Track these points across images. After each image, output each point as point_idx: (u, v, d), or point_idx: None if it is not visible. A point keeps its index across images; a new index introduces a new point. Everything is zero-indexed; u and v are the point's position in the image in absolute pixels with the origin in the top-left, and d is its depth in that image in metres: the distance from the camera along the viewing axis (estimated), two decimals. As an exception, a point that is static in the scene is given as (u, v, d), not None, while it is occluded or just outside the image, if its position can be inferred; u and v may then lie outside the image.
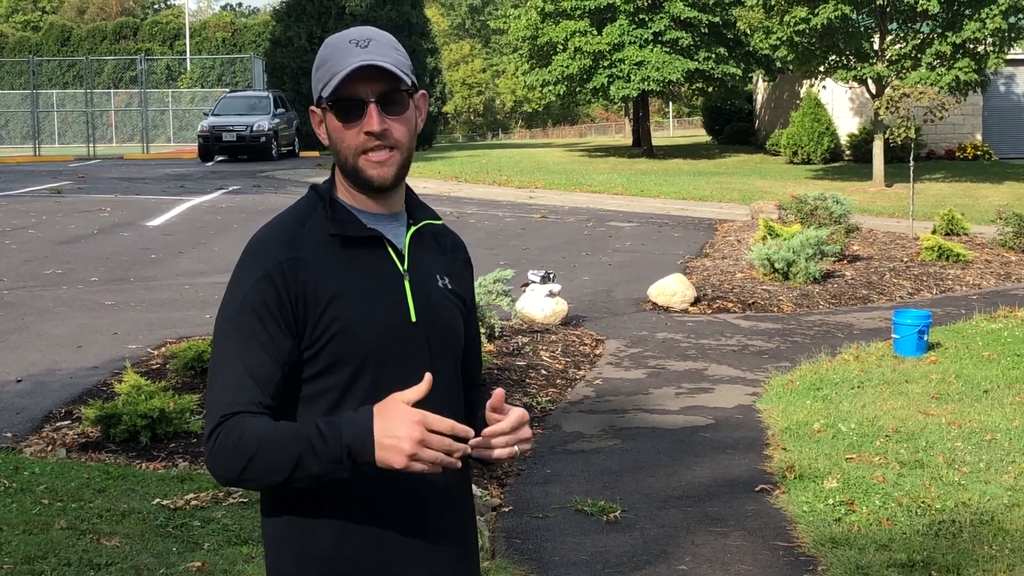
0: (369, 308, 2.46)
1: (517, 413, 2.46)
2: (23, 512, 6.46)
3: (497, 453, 2.43)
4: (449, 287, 2.63)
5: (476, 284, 11.05)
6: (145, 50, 64.59)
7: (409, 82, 2.50)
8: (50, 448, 7.89)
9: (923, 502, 6.76)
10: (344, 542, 2.48)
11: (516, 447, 2.46)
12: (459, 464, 2.28)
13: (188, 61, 67.19)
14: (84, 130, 47.88)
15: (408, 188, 2.66)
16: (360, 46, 2.48)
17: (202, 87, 63.06)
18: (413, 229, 2.59)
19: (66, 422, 8.43)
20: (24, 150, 49.47)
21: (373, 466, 2.30)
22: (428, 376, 2.31)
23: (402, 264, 2.54)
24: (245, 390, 2.39)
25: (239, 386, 2.40)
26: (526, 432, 2.48)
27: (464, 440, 2.30)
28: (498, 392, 2.45)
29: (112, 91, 61.84)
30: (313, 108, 2.56)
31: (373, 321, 2.45)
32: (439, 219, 2.68)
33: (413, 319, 2.51)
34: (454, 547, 2.60)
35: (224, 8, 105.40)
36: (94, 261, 16.14)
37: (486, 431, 2.42)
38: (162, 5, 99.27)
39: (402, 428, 2.25)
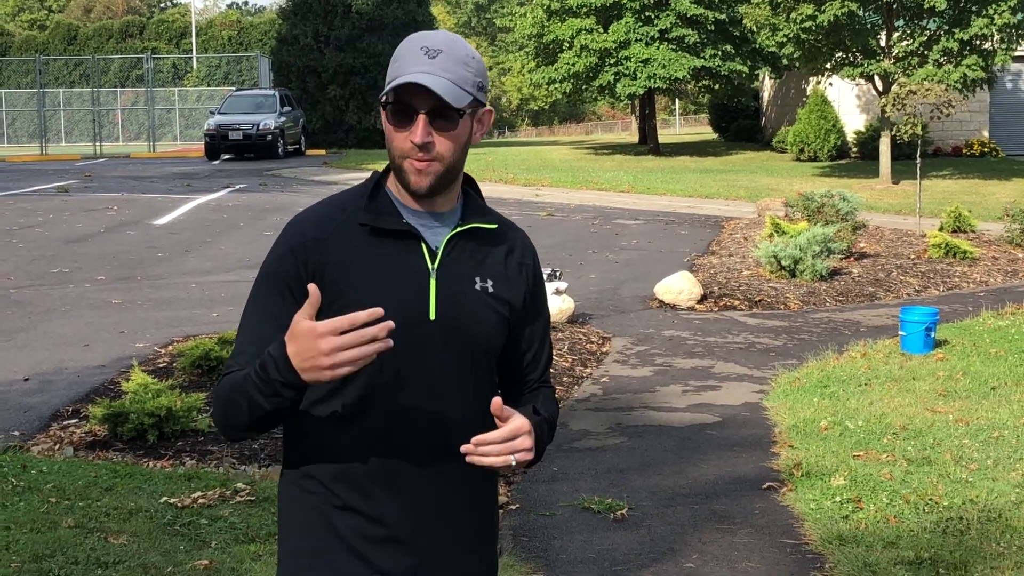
0: (384, 299, 2.47)
1: (515, 423, 2.45)
2: (31, 510, 6.47)
3: (488, 460, 2.43)
4: (490, 290, 2.62)
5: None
6: (151, 49, 64.70)
7: (463, 103, 2.49)
8: (57, 447, 7.90)
9: (930, 499, 6.75)
10: (333, 522, 2.53)
11: (512, 457, 2.44)
12: (390, 344, 2.25)
13: (194, 60, 67.27)
14: (90, 129, 47.96)
15: (472, 192, 2.67)
16: (429, 56, 2.49)
17: (208, 85, 63.16)
18: (456, 230, 2.59)
19: (73, 421, 8.43)
20: (31, 149, 49.56)
21: (307, 387, 2.35)
22: (313, 287, 2.32)
23: (433, 262, 2.55)
24: (246, 354, 2.51)
25: (243, 350, 2.53)
26: (524, 442, 2.45)
27: (376, 322, 2.27)
28: (495, 401, 2.44)
29: (118, 90, 61.97)
30: (382, 105, 2.59)
31: (385, 312, 2.45)
32: (494, 223, 2.66)
33: (432, 316, 2.53)
34: (462, 547, 2.62)
35: (230, 6, 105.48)
36: (101, 260, 16.15)
37: (475, 438, 2.42)
38: (168, 4, 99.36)
39: (310, 348, 2.27)
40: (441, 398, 2.54)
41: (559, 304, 12.25)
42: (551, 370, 2.98)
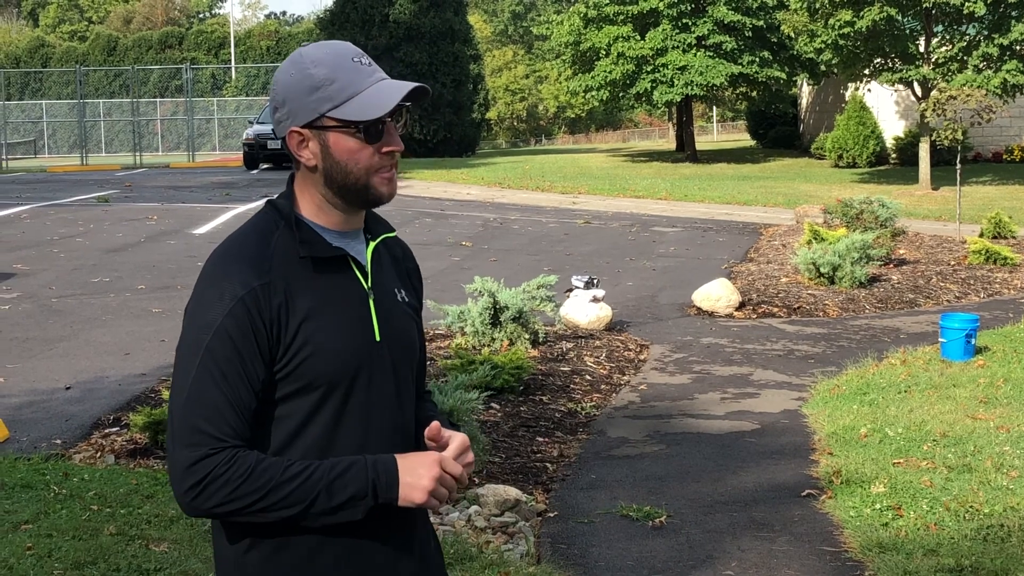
0: (338, 329, 2.45)
1: (459, 439, 2.51)
2: (73, 518, 6.52)
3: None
4: (406, 300, 2.63)
5: (520, 289, 11.09)
6: (190, 59, 65.13)
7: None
8: (99, 454, 7.95)
9: (971, 507, 6.71)
10: (306, 568, 2.46)
11: (464, 473, 2.51)
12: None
13: (233, 70, 67.69)
14: (130, 139, 48.35)
15: None
16: (363, 64, 2.47)
17: (247, 95, 63.52)
18: (373, 245, 2.58)
19: (115, 429, 8.49)
20: (71, 159, 49.99)
21: (391, 504, 2.40)
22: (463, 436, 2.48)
23: (366, 281, 2.53)
24: (229, 423, 2.36)
25: (222, 418, 2.36)
26: (469, 457, 2.52)
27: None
28: (434, 425, 2.50)
29: (158, 100, 62.43)
30: (298, 129, 2.47)
31: (342, 342, 2.45)
32: (393, 231, 2.67)
33: (377, 338, 2.51)
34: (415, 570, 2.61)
35: (269, 17, 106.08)
36: (141, 269, 16.26)
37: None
38: (207, 14, 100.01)
39: (423, 467, 2.41)
40: (400, 417, 2.55)
41: (596, 312, 12.24)
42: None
